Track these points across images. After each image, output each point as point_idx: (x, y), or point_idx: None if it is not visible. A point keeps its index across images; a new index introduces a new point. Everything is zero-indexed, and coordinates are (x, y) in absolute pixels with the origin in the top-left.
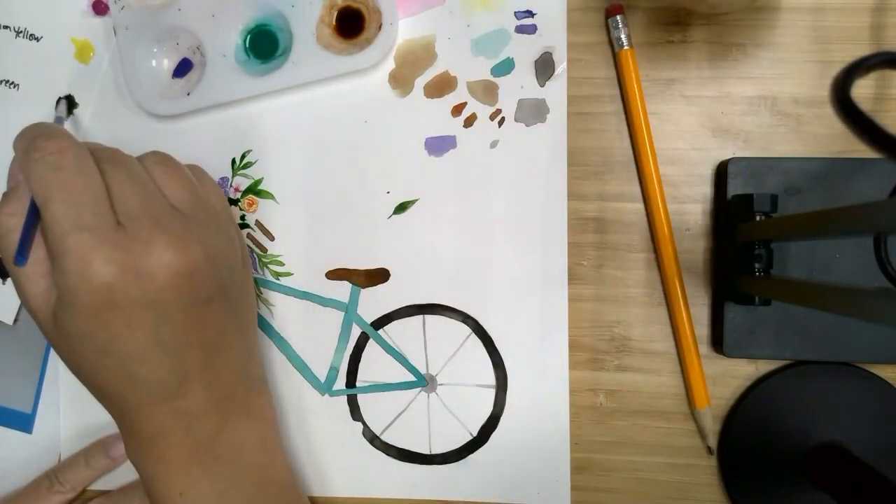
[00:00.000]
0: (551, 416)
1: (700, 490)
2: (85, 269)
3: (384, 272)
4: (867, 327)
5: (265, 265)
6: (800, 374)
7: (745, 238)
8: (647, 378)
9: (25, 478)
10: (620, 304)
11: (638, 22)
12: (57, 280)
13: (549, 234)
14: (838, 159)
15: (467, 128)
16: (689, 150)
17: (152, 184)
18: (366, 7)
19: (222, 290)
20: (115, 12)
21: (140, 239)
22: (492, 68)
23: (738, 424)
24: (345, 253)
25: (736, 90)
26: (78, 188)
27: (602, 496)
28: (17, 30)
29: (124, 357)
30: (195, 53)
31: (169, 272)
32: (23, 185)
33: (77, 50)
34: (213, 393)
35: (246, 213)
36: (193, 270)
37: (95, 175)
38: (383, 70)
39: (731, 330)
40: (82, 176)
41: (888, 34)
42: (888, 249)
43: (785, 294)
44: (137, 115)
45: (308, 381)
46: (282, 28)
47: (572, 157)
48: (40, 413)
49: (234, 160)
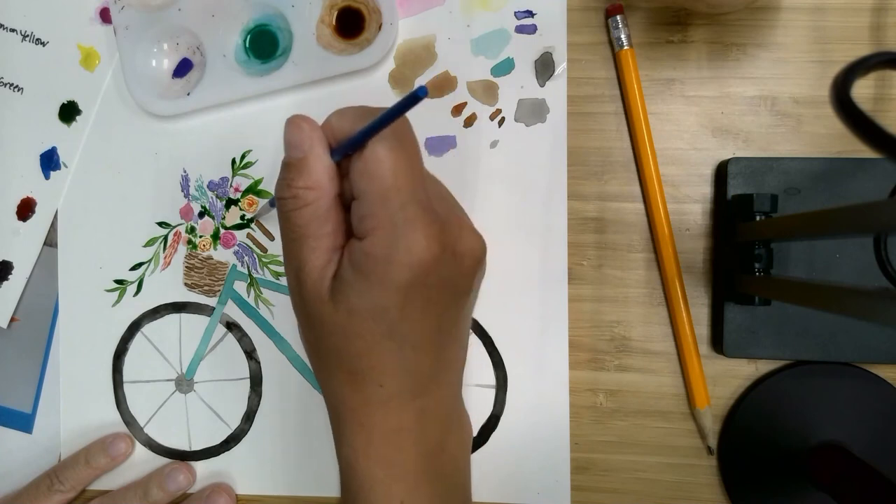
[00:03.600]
0: (551, 416)
1: (700, 490)
2: (413, 243)
3: None
4: (867, 327)
5: (265, 265)
6: (800, 374)
7: (745, 238)
8: (647, 378)
9: (25, 478)
10: (620, 304)
11: (638, 22)
12: (369, 250)
13: (549, 234)
14: (838, 159)
15: (467, 128)
16: (689, 150)
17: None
18: (366, 7)
19: (478, 284)
20: (115, 12)
21: (451, 222)
22: (492, 68)
23: (738, 424)
24: None
25: (736, 90)
26: (419, 162)
27: (602, 496)
28: (23, 34)
29: (406, 341)
30: (195, 53)
31: (473, 258)
32: (314, 156)
33: (83, 57)
34: (447, 394)
35: (246, 213)
36: (482, 259)
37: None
38: (383, 70)
39: (731, 330)
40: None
41: (888, 34)
42: (888, 249)
43: (785, 294)
44: (138, 115)
45: (308, 381)
46: (282, 28)
47: (572, 157)
48: (40, 413)
49: (234, 160)
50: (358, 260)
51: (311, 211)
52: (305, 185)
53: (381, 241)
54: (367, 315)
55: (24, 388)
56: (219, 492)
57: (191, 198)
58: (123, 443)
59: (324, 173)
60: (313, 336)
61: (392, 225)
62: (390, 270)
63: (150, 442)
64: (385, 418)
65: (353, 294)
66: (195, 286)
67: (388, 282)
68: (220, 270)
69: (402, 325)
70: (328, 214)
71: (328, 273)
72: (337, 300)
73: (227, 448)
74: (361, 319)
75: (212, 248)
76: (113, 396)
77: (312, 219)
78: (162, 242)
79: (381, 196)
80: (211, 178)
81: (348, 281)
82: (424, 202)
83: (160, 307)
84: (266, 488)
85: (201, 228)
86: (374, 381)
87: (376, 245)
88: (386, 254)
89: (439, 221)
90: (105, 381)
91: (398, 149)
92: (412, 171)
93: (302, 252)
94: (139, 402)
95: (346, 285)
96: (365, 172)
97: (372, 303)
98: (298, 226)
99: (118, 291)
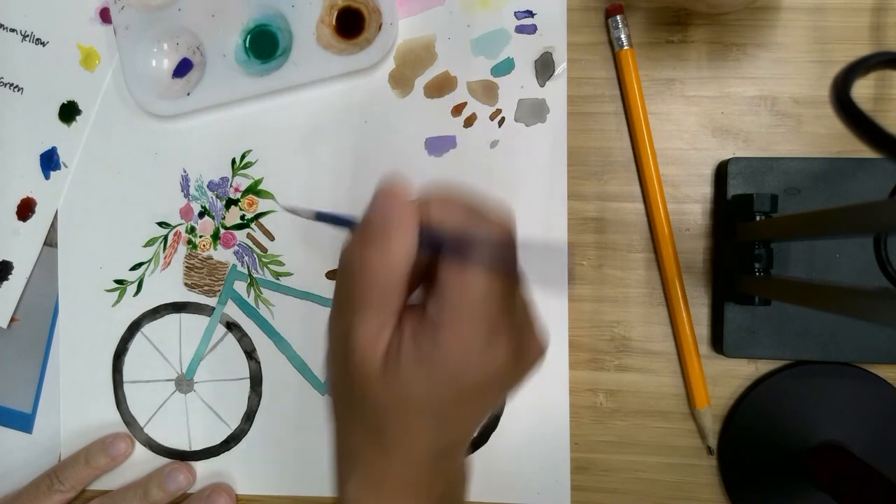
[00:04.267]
0: (551, 416)
1: (700, 490)
2: (492, 354)
3: None
4: (867, 327)
5: (265, 265)
6: (800, 374)
7: (745, 238)
8: (647, 378)
9: (25, 478)
10: (620, 304)
11: (638, 22)
12: (444, 343)
13: (549, 234)
14: (838, 159)
15: (467, 128)
16: (689, 150)
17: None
18: (366, 7)
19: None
20: (115, 12)
21: (525, 330)
22: (492, 68)
23: (738, 424)
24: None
25: (736, 90)
26: (515, 290)
27: (602, 496)
28: (23, 34)
29: (448, 428)
30: (195, 53)
31: (535, 361)
32: (401, 233)
33: (83, 57)
34: (463, 451)
35: (246, 213)
36: (543, 359)
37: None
38: (383, 70)
39: (731, 330)
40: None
41: (888, 34)
42: (888, 249)
43: (785, 294)
44: (138, 115)
45: (308, 381)
46: (282, 28)
47: (572, 157)
48: (40, 413)
49: (233, 160)
50: (427, 348)
51: (379, 283)
52: (382, 257)
53: (460, 338)
54: (420, 404)
55: (24, 388)
56: (219, 492)
57: (191, 198)
58: (123, 443)
59: (404, 253)
60: (347, 400)
61: (474, 328)
62: (462, 371)
63: (150, 442)
64: (401, 473)
65: (412, 380)
66: (195, 286)
67: (455, 381)
68: (220, 270)
69: (451, 418)
70: (395, 290)
71: (381, 344)
72: (389, 380)
73: (227, 448)
74: (411, 407)
75: (212, 248)
76: (113, 396)
77: (379, 291)
78: (162, 242)
79: (471, 304)
80: (211, 178)
81: (408, 365)
82: (510, 316)
83: (160, 307)
84: (266, 488)
85: (201, 228)
86: (401, 450)
87: (453, 341)
88: (462, 353)
89: (517, 330)
90: (105, 381)
91: (499, 280)
92: (506, 299)
93: (355, 318)
94: (139, 402)
95: (406, 370)
96: (459, 286)
97: (429, 394)
98: (361, 293)
99: (118, 291)
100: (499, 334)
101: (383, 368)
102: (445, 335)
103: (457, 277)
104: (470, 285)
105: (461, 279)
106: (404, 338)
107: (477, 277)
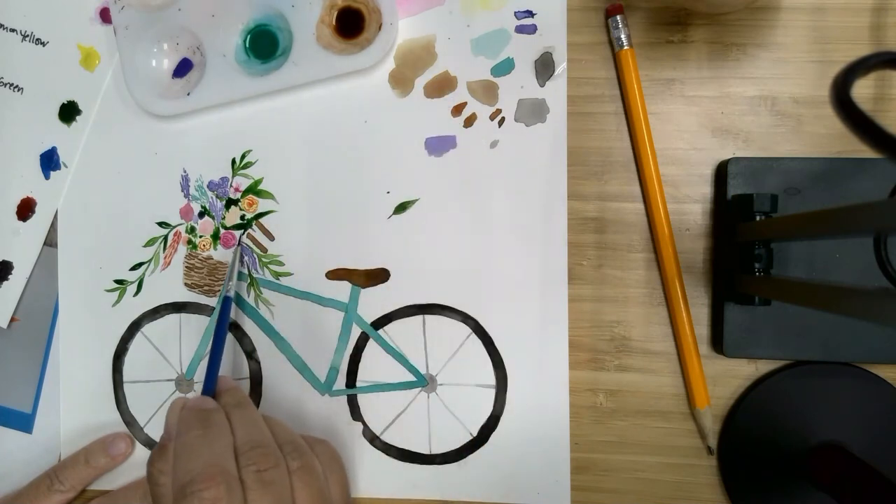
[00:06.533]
0: (551, 416)
1: (700, 490)
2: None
3: (384, 272)
4: (867, 327)
5: (265, 265)
6: (800, 374)
7: (745, 238)
8: (647, 378)
9: (25, 478)
10: (620, 304)
11: (638, 22)
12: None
13: (549, 234)
14: (838, 159)
15: (467, 128)
16: (689, 150)
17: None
18: (366, 7)
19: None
20: (115, 12)
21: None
22: (492, 68)
23: (738, 424)
24: (345, 253)
25: (736, 90)
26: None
27: (602, 496)
28: (23, 34)
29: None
30: (195, 53)
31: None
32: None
33: (83, 57)
34: None
35: (246, 213)
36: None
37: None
38: (383, 70)
39: (731, 330)
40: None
41: (888, 34)
42: (888, 249)
43: (785, 294)
44: (138, 115)
45: (308, 381)
46: (282, 28)
47: (572, 157)
48: (40, 413)
49: (234, 160)
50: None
51: (161, 491)
52: (160, 469)
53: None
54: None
55: (24, 388)
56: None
57: (191, 198)
58: (123, 443)
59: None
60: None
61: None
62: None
63: (150, 442)
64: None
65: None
66: (195, 286)
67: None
68: (220, 270)
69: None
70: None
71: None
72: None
73: None
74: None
75: (212, 248)
76: (113, 396)
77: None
78: (162, 242)
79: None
80: (211, 178)
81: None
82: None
83: (160, 307)
84: None
85: (201, 228)
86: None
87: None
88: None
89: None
90: (105, 381)
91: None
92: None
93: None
94: (139, 402)
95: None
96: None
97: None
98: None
99: (118, 291)
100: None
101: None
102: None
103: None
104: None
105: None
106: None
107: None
